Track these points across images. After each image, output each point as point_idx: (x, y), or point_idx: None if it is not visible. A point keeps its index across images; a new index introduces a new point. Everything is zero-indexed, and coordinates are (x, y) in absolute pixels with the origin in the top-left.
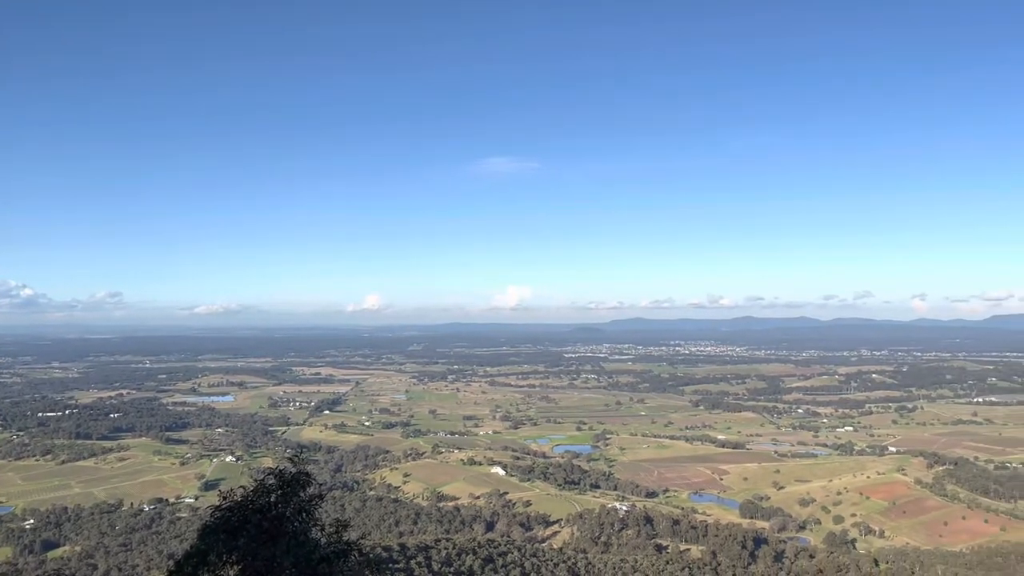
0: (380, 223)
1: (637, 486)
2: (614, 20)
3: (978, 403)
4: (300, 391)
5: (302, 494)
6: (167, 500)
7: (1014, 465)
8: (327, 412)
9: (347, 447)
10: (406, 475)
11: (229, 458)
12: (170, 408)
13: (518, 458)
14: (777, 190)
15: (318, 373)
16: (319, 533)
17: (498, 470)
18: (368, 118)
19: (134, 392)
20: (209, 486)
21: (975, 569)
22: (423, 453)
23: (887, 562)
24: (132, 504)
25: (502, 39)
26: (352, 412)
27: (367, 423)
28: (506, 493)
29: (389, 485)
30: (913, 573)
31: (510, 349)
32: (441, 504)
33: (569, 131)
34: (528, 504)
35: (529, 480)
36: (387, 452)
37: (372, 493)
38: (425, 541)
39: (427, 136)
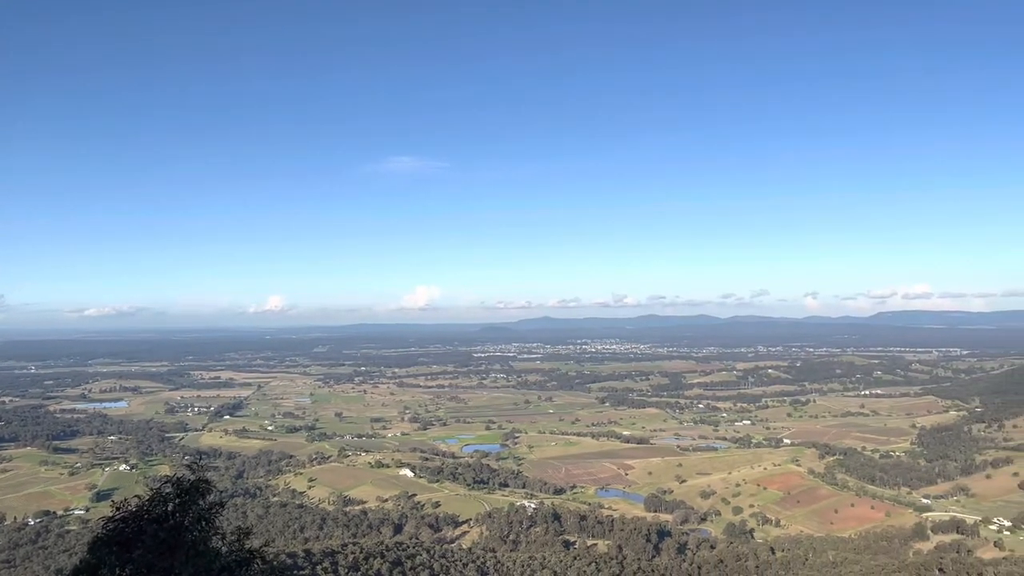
0: (283, 222)
1: (545, 483)
2: (525, 21)
3: (865, 396)
4: (199, 396)
5: (201, 502)
6: (55, 513)
7: (897, 454)
8: (228, 417)
9: (249, 453)
10: (311, 480)
11: (123, 467)
12: (58, 416)
13: (427, 459)
14: (678, 192)
15: (218, 377)
16: (220, 542)
17: (407, 472)
18: (269, 116)
19: (17, 399)
20: (101, 496)
21: (863, 553)
22: (329, 457)
23: (783, 550)
24: (16, 518)
25: (410, 38)
26: (254, 416)
27: (270, 428)
28: (415, 495)
29: (294, 491)
30: (807, 560)
31: (419, 349)
32: (348, 508)
33: (479, 131)
34: (437, 505)
35: (438, 481)
36: (291, 457)
37: (276, 499)
38: (331, 546)
39: (330, 134)
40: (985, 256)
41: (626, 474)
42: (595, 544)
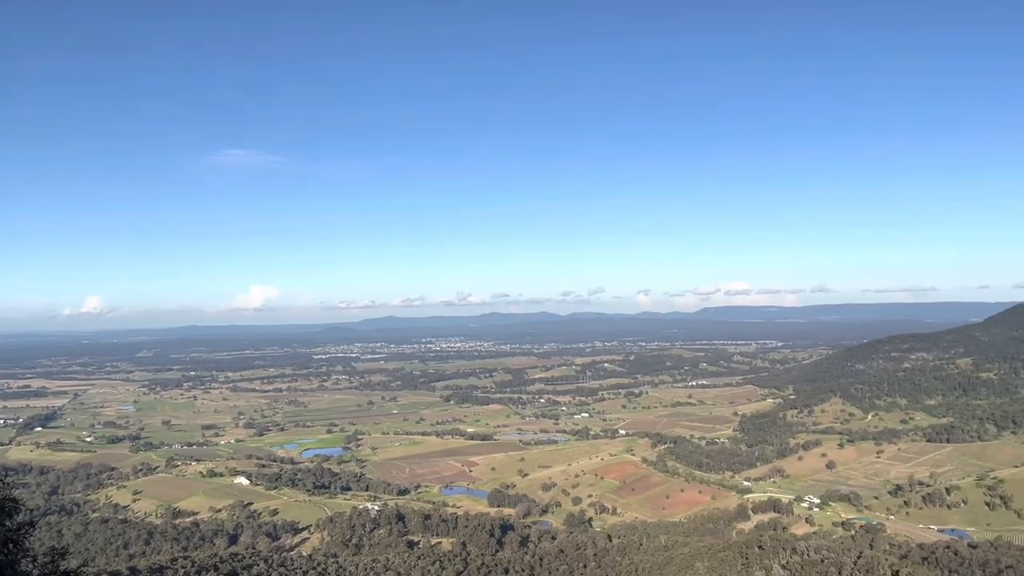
0: (100, 218)
1: (389, 485)
2: (362, 18)
3: (692, 386)
4: (5, 407)
5: (8, 523)
6: None
7: (722, 440)
8: (39, 429)
9: (65, 467)
10: (136, 493)
11: None
12: None
13: (264, 466)
14: (520, 193)
15: (28, 386)
16: (31, 564)
17: (242, 480)
18: (82, 107)
19: None
20: None
21: (692, 535)
22: (156, 468)
23: (619, 537)
24: None
25: (243, 28)
26: (70, 427)
27: (89, 439)
28: (251, 504)
29: (116, 505)
30: (641, 545)
31: (254, 352)
32: (178, 521)
33: (318, 125)
34: (275, 513)
35: (276, 488)
36: (114, 469)
37: (96, 515)
38: (159, 562)
39: (154, 125)
40: (796, 256)
41: (470, 471)
42: (440, 542)
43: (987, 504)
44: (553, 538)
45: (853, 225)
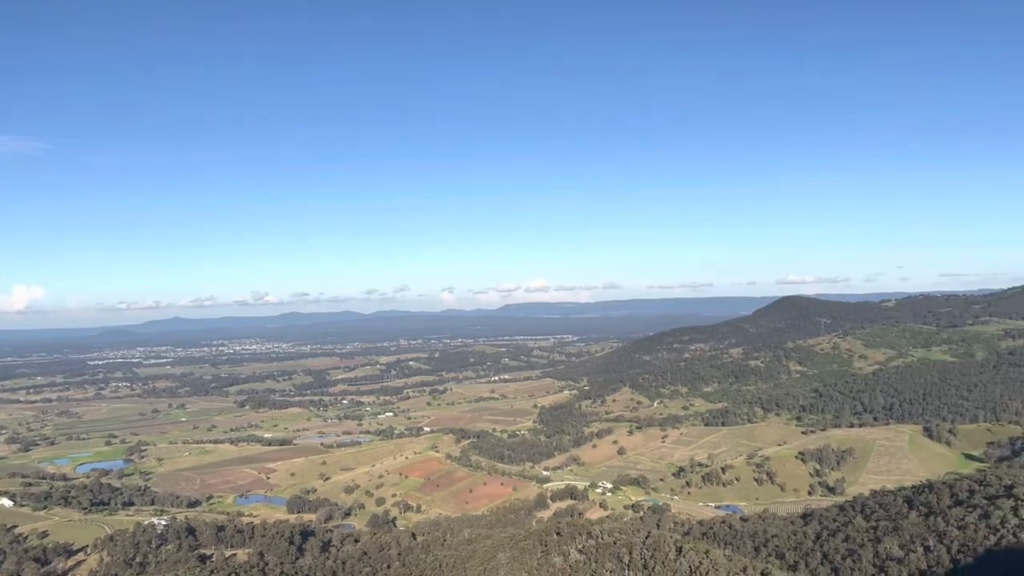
0: None
1: (178, 497)
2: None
3: (495, 381)
4: None
5: None
6: None
7: (523, 433)
8: None
9: None
10: None
11: None
12: None
13: (30, 484)
14: (319, 189)
15: None
16: None
17: (3, 502)
18: None
19: None
20: None
21: (494, 527)
22: None
23: (423, 534)
24: None
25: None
26: None
27: None
28: (15, 527)
29: None
30: (445, 540)
31: (17, 359)
32: None
33: (89, 109)
34: (45, 535)
35: (46, 508)
36: None
37: None
38: None
39: None
40: (590, 254)
41: (268, 478)
42: (235, 554)
43: (756, 480)
44: (356, 541)
45: (640, 225)
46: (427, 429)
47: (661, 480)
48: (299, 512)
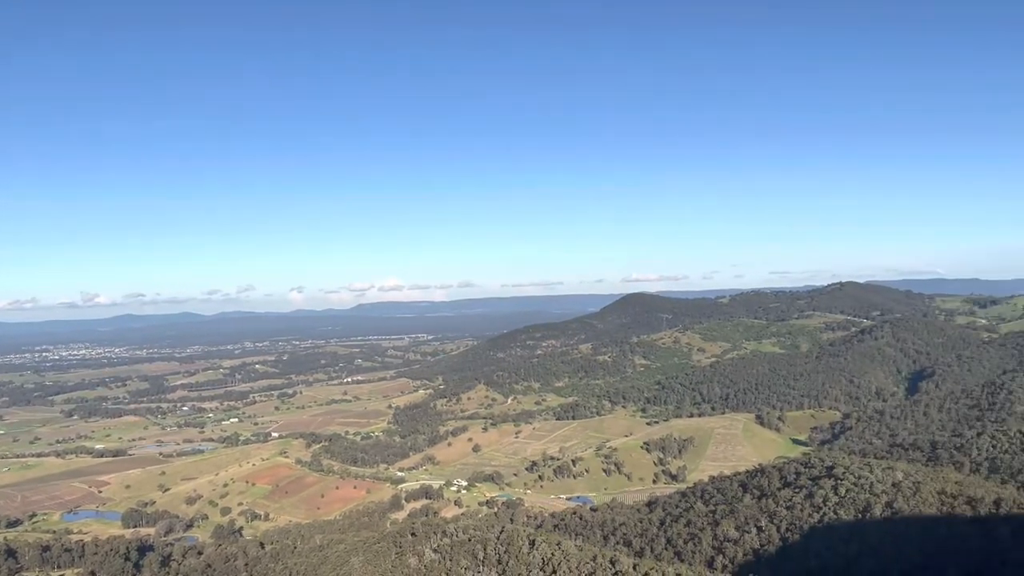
0: None
1: None
2: None
3: (348, 383)
4: None
5: None
6: None
7: (377, 434)
8: None
9: None
10: None
11: None
12: None
13: None
14: (161, 183)
15: None
16: None
17: None
18: None
19: None
20: None
21: (348, 531)
22: None
23: (272, 543)
24: None
25: None
26: None
27: None
28: None
29: None
30: (295, 548)
31: None
32: None
33: None
34: None
35: None
36: None
37: None
38: None
39: None
40: (445, 252)
41: (100, 492)
42: (63, 575)
43: (605, 471)
44: (200, 553)
45: (493, 223)
46: (276, 434)
47: (515, 475)
48: (136, 526)
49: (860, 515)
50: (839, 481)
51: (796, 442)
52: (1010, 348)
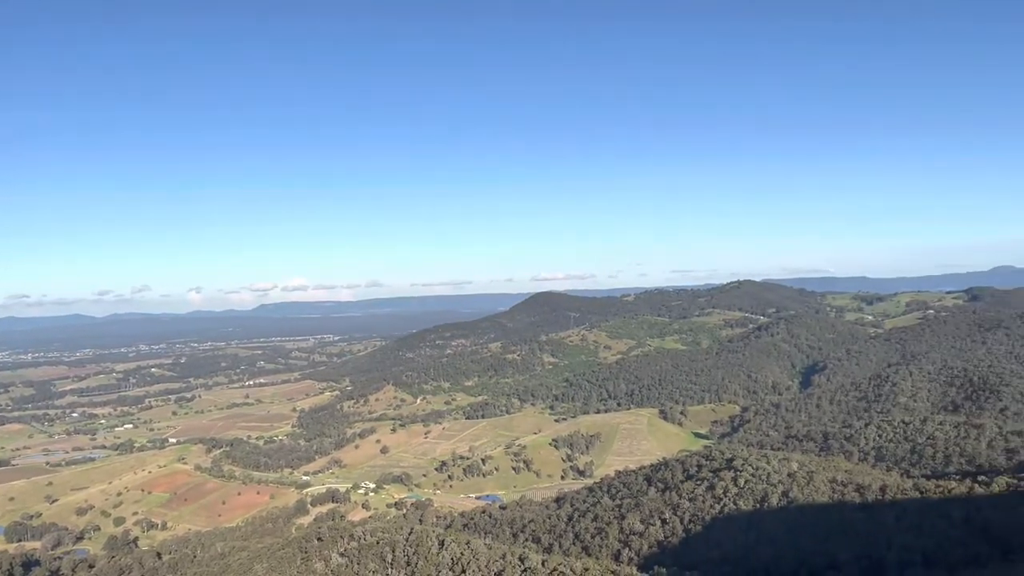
0: None
1: None
2: None
3: (250, 386)
4: None
5: None
6: None
7: (281, 438)
8: None
9: None
10: None
11: None
12: None
13: None
14: (44, 176)
15: None
16: None
17: None
18: None
19: None
20: None
21: (250, 539)
22: None
23: (170, 553)
24: None
25: None
26: None
27: None
28: None
29: None
30: (195, 557)
31: None
32: None
33: None
34: None
35: None
36: None
37: None
38: None
39: None
40: (352, 252)
41: None
42: None
43: (514, 468)
44: (91, 566)
45: (400, 221)
46: (173, 440)
47: (424, 476)
48: (20, 540)
49: (758, 505)
50: (738, 473)
51: (698, 436)
52: (894, 342)
